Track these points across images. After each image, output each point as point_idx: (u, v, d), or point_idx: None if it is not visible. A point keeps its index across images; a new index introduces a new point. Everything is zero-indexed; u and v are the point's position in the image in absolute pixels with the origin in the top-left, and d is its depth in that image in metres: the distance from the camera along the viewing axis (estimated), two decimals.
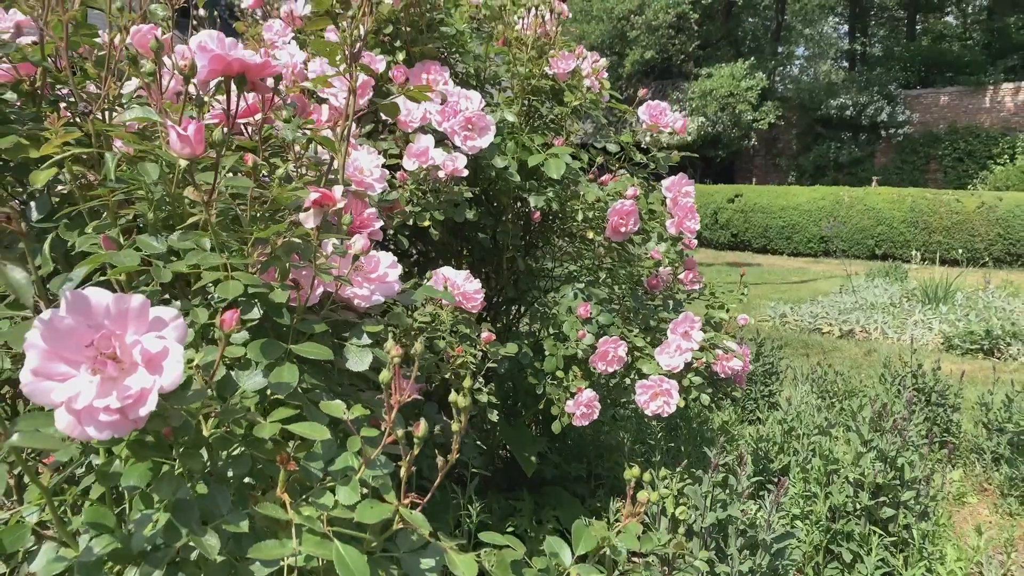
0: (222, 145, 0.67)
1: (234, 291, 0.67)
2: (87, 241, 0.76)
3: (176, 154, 0.66)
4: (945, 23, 26.90)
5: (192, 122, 0.66)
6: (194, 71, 0.72)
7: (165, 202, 0.77)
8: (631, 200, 1.86)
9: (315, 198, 0.72)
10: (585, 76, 1.95)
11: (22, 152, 0.88)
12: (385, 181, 1.42)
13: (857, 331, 5.79)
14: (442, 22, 1.92)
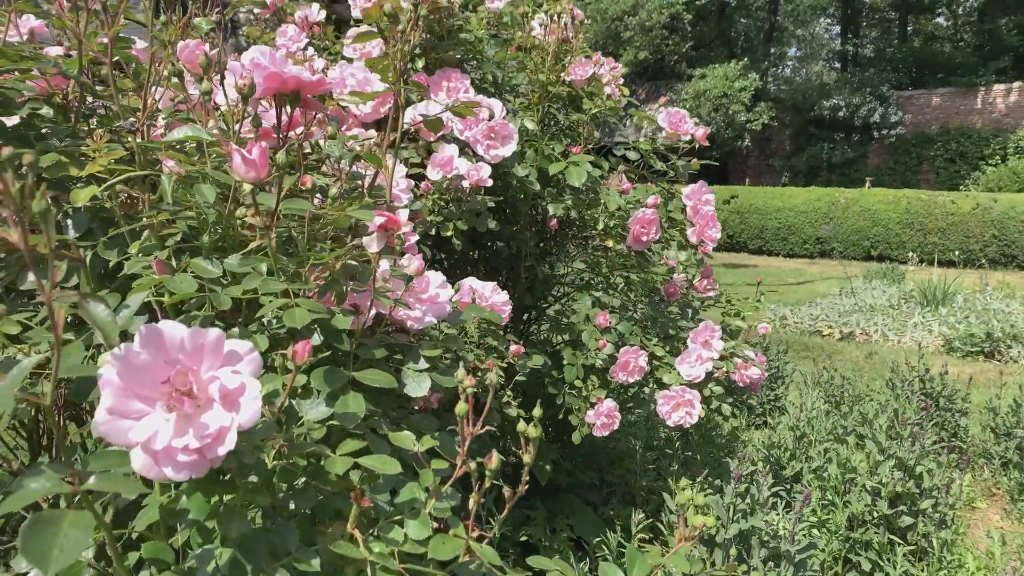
0: (285, 169, 0.65)
1: (301, 319, 0.65)
2: (137, 264, 0.73)
3: (240, 178, 0.64)
4: (936, 24, 27.04)
5: (256, 145, 0.64)
6: (252, 90, 0.70)
7: (218, 224, 0.74)
8: (652, 209, 1.85)
9: (381, 223, 0.70)
10: (606, 84, 1.93)
11: (62, 170, 0.85)
12: (409, 191, 1.40)
13: (857, 333, 5.80)
14: (461, 28, 1.90)
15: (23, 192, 0.46)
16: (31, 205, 0.46)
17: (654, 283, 2.16)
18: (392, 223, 0.70)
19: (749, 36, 26.08)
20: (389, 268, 0.77)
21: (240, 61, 0.85)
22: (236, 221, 0.74)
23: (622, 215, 1.89)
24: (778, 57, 24.57)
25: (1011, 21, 19.03)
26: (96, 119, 1.01)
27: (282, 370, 0.68)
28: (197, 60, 0.78)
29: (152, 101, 0.87)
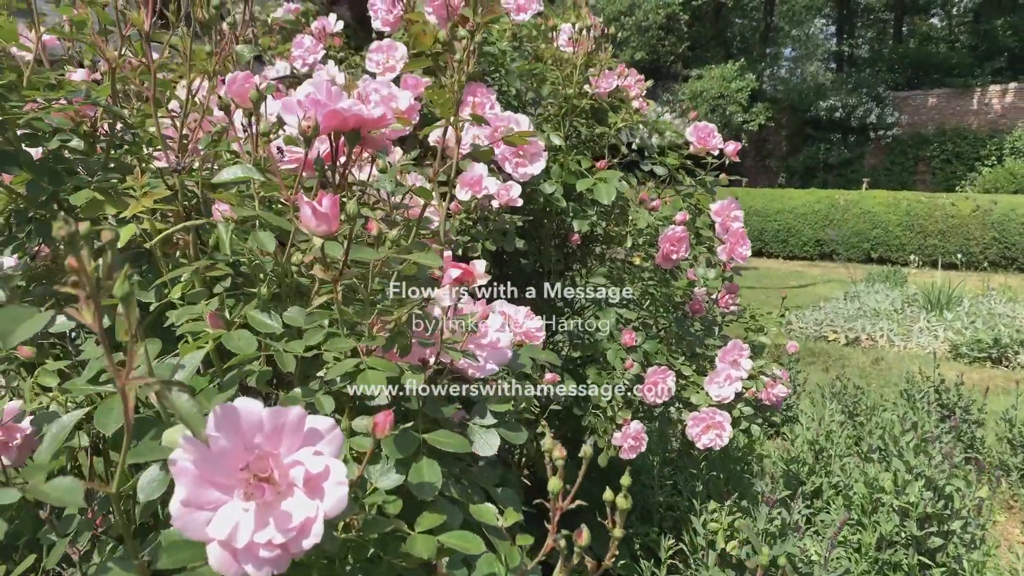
0: (356, 219, 0.60)
1: (375, 381, 0.60)
2: (186, 315, 0.68)
3: (310, 231, 0.59)
4: (931, 25, 27.08)
5: (327, 195, 0.59)
6: (317, 131, 0.65)
7: (274, 272, 0.69)
8: (682, 227, 1.80)
9: (456, 276, 0.65)
10: (633, 98, 1.89)
11: (98, 209, 0.80)
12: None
13: (863, 339, 5.77)
14: (486, 41, 1.85)
15: (101, 271, 0.41)
16: (110, 286, 0.41)
17: (677, 299, 2.12)
18: (468, 276, 0.65)
19: (745, 37, 26.10)
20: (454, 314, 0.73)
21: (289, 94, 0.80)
22: (292, 267, 0.69)
23: (651, 231, 1.85)
24: (774, 57, 24.59)
25: (1006, 22, 19.07)
26: (126, 149, 0.96)
27: (347, 433, 0.63)
28: (247, 94, 0.73)
29: (195, 138, 0.82)
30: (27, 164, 0.81)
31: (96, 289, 0.41)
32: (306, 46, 2.00)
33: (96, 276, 0.41)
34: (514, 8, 1.85)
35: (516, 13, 1.86)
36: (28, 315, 0.54)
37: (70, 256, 0.41)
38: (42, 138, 0.85)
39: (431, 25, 1.71)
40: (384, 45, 1.72)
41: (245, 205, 0.70)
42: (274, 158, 0.71)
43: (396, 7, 1.76)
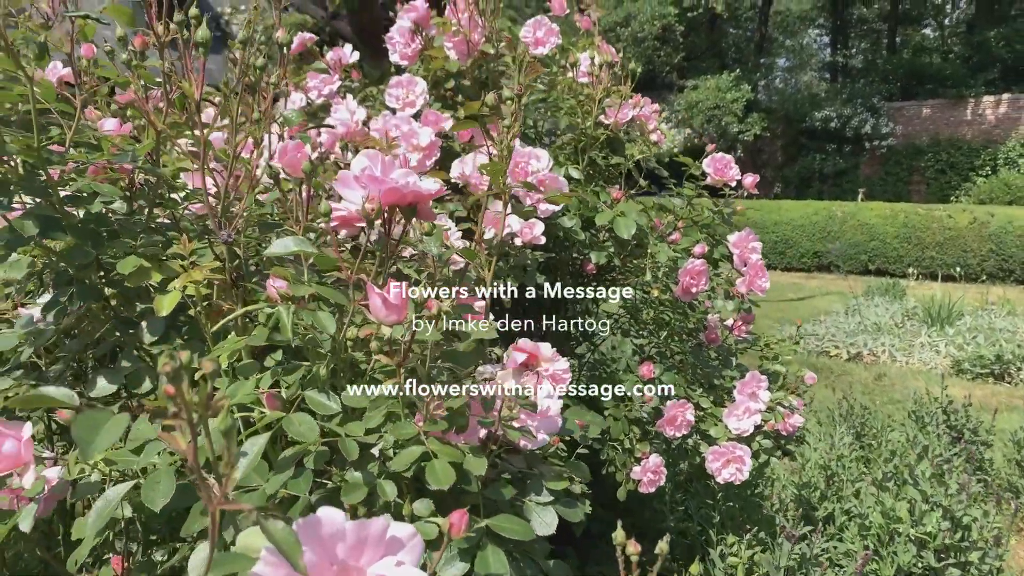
0: (421, 305, 0.59)
1: (443, 474, 0.59)
2: (239, 392, 0.67)
3: (380, 320, 0.59)
4: (924, 35, 27.26)
5: (396, 285, 0.58)
6: (380, 213, 0.64)
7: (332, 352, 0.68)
8: (701, 260, 1.80)
9: (522, 360, 0.64)
10: (651, 131, 1.89)
11: (144, 277, 0.79)
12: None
13: (865, 354, 5.78)
14: (502, 74, 1.85)
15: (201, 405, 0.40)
16: (209, 418, 0.40)
17: (692, 328, 2.11)
18: (533, 359, 0.64)
19: (739, 47, 26.23)
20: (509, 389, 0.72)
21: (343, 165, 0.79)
22: (347, 343, 0.68)
23: (670, 264, 1.84)
24: (768, 68, 24.71)
25: (999, 33, 19.20)
26: (164, 204, 0.95)
27: (409, 518, 0.62)
28: (300, 164, 0.72)
29: (238, 194, 0.81)
30: (71, 229, 0.80)
31: (193, 421, 0.40)
32: (320, 76, 1.99)
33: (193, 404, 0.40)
34: (532, 42, 1.85)
35: (534, 47, 1.86)
36: (105, 419, 0.53)
37: (169, 384, 0.40)
38: (84, 200, 0.84)
39: (452, 60, 1.71)
40: (404, 80, 1.71)
41: (300, 282, 0.69)
42: (329, 231, 0.70)
43: (414, 41, 1.75)
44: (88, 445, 0.49)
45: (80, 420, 0.50)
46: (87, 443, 0.49)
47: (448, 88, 1.78)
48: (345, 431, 0.63)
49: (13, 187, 0.77)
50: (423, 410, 0.65)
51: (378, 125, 1.67)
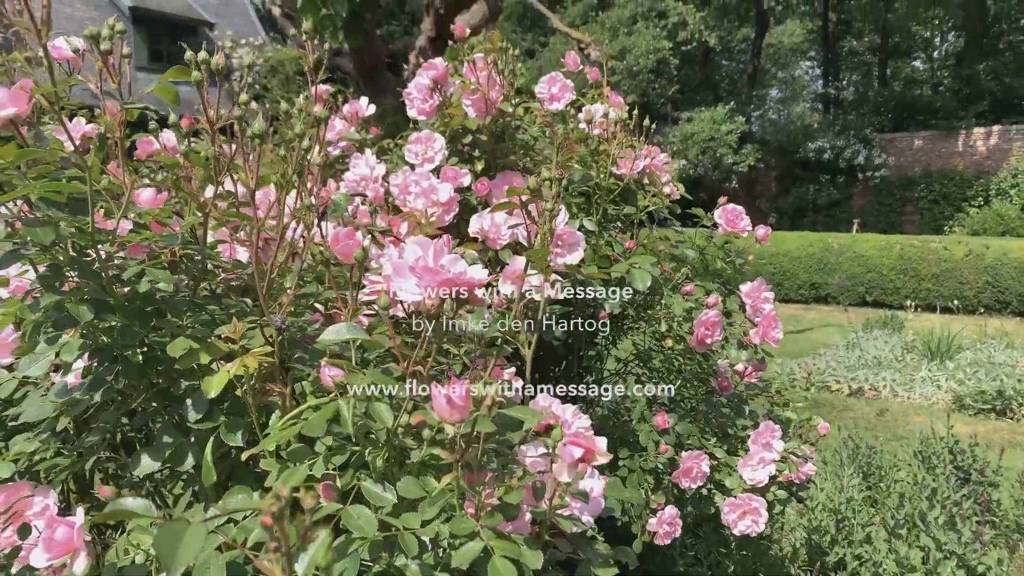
0: (483, 403, 0.60)
1: (505, 573, 0.60)
2: (292, 477, 0.68)
3: (443, 419, 0.60)
4: (914, 68, 27.71)
5: (458, 383, 0.60)
6: (442, 308, 0.66)
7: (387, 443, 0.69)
8: (716, 311, 1.82)
9: (579, 456, 0.65)
10: (664, 183, 1.92)
11: (193, 359, 0.80)
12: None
13: (866, 389, 5.79)
14: (518, 129, 1.88)
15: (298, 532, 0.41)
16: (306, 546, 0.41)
17: (704, 375, 2.12)
18: (590, 454, 0.66)
19: (733, 79, 26.62)
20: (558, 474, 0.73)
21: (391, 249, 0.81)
22: (399, 429, 0.69)
23: (685, 315, 1.86)
24: (761, 99, 25.03)
25: (988, 67, 19.53)
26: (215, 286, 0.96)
27: None
28: (352, 252, 0.74)
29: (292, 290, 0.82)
30: (121, 310, 0.81)
31: (290, 552, 0.41)
32: (337, 129, 2.02)
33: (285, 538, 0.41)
34: (547, 98, 1.89)
35: (549, 103, 1.89)
36: (183, 531, 0.53)
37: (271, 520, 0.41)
38: (131, 280, 0.86)
39: (471, 118, 1.74)
40: (423, 136, 1.74)
41: (356, 371, 0.70)
42: (386, 322, 0.71)
43: (432, 98, 1.78)
44: (172, 559, 0.50)
45: (161, 535, 0.50)
46: (170, 557, 0.49)
47: (465, 143, 1.81)
48: (402, 523, 0.64)
49: (65, 269, 0.79)
50: (475, 499, 0.66)
51: (398, 180, 1.70)
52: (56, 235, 0.73)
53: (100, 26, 0.82)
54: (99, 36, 0.83)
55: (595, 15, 23.80)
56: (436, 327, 0.66)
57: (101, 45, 0.81)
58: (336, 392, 0.69)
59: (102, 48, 0.81)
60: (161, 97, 0.96)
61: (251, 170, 0.73)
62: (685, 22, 21.48)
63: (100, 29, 0.83)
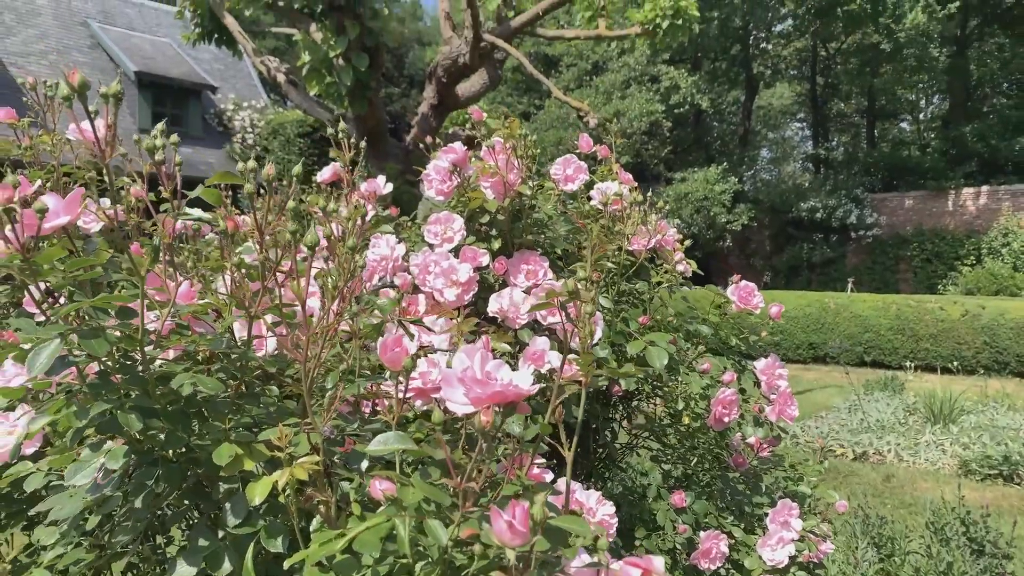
0: (543, 524, 0.60)
1: None
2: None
3: (503, 544, 0.60)
4: (902, 129, 28.34)
5: (518, 505, 0.60)
6: (498, 426, 0.66)
7: None
8: (732, 390, 1.82)
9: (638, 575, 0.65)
10: (678, 261, 1.94)
11: (238, 466, 0.80)
12: None
13: (871, 453, 5.75)
14: (534, 208, 1.91)
15: None
16: None
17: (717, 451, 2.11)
18: (647, 574, 0.65)
19: (724, 139, 27.13)
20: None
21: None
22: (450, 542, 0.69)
23: (702, 392, 1.86)
24: (752, 159, 25.48)
25: (974, 129, 19.98)
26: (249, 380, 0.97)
27: None
28: (400, 360, 0.75)
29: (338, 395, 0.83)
30: (165, 416, 0.82)
31: None
32: None
33: None
34: (562, 179, 1.93)
35: (564, 183, 1.93)
36: None
37: None
38: (170, 379, 0.86)
39: (490, 200, 1.77)
40: (442, 217, 1.76)
41: (408, 485, 0.70)
42: (437, 438, 0.71)
43: (451, 179, 1.82)
44: None
45: None
46: None
47: (482, 222, 1.84)
48: None
49: (112, 376, 0.79)
50: None
51: (418, 260, 1.72)
52: (108, 346, 0.74)
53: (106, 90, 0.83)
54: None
55: (589, 79, 24.39)
56: (488, 442, 0.67)
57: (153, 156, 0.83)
58: (386, 505, 0.69)
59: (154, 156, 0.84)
60: (205, 198, 0.98)
61: (303, 282, 0.74)
62: (677, 86, 22.00)
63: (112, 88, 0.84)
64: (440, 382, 0.72)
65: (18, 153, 1.75)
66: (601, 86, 23.07)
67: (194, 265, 1.04)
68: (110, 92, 0.68)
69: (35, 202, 0.71)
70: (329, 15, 6.22)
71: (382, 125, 7.04)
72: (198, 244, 1.42)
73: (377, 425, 0.92)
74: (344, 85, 6.16)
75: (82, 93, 0.67)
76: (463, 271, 1.67)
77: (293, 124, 14.36)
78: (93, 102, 0.82)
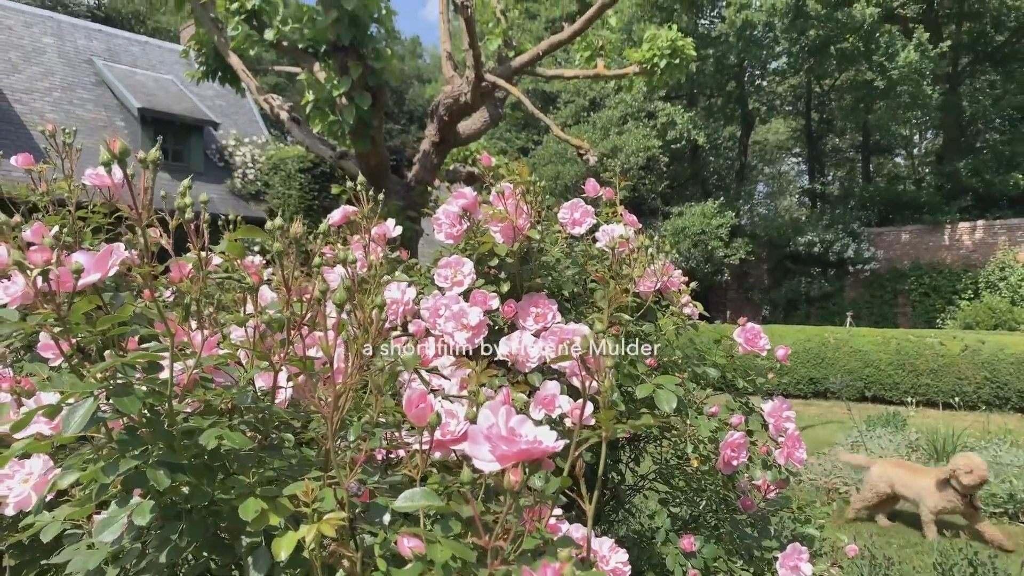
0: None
1: None
2: None
3: None
4: (896, 164, 28.62)
5: (549, 566, 0.60)
6: (526, 485, 0.67)
7: None
8: (742, 433, 1.82)
9: None
10: (684, 304, 1.96)
11: (264, 521, 0.81)
12: None
13: None
14: (542, 251, 1.94)
15: None
16: None
17: (725, 493, 2.11)
18: None
19: (721, 174, 27.34)
20: None
21: None
22: None
23: (711, 435, 1.87)
24: (748, 194, 25.68)
25: (968, 164, 20.17)
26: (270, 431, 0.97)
27: None
28: (426, 416, 0.76)
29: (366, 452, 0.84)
30: (192, 470, 0.82)
31: None
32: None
33: None
34: (570, 223, 1.95)
35: (571, 227, 1.96)
36: None
37: None
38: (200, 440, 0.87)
39: (500, 245, 1.79)
40: (452, 261, 1.79)
41: (435, 543, 0.71)
42: (467, 495, 0.72)
43: (460, 223, 1.84)
44: None
45: None
46: None
47: (491, 265, 1.86)
48: None
49: (144, 437, 0.80)
50: None
51: (428, 304, 1.73)
52: (140, 404, 0.75)
53: (110, 126, 0.85)
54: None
55: (586, 115, 24.68)
56: (516, 500, 0.67)
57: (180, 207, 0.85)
58: (414, 563, 0.70)
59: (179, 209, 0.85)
60: (229, 251, 0.99)
61: (332, 341, 0.75)
62: (674, 122, 22.24)
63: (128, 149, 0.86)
64: (466, 438, 0.73)
65: (36, 198, 1.78)
66: (598, 122, 23.34)
67: (214, 318, 1.05)
68: (149, 159, 0.70)
69: (71, 262, 0.73)
70: (333, 55, 6.32)
71: (384, 162, 7.12)
72: (209, 287, 1.44)
73: (397, 478, 0.93)
74: (347, 123, 6.24)
75: (122, 160, 0.69)
76: (474, 315, 1.69)
77: (294, 159, 14.48)
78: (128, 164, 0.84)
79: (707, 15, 24.23)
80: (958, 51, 20.71)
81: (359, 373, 0.83)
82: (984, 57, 21.08)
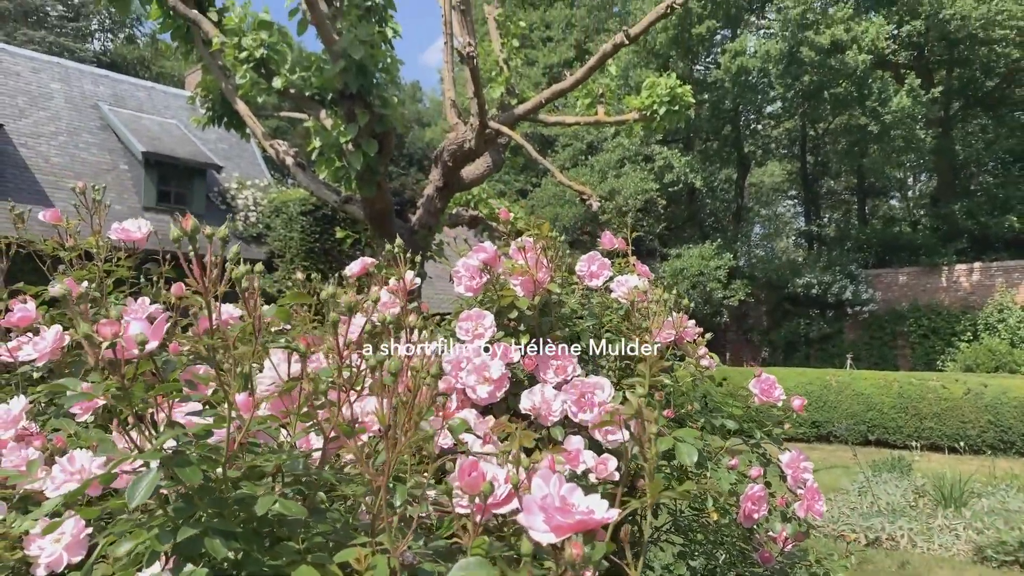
0: None
1: None
2: None
3: None
4: (891, 206, 28.90)
5: None
6: (580, 553, 0.68)
7: None
8: (760, 486, 1.83)
9: None
10: (701, 356, 1.98)
11: None
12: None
13: (884, 539, 5.65)
14: (560, 303, 1.96)
15: None
16: None
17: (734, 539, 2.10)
18: None
19: (718, 216, 27.56)
20: None
21: None
22: None
23: (731, 489, 1.87)
24: (745, 236, 25.85)
25: (963, 206, 20.37)
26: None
27: None
28: (479, 485, 0.77)
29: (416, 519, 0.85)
30: (243, 536, 0.83)
31: None
32: (384, 300, 2.09)
33: None
34: (587, 275, 1.98)
35: (589, 279, 1.98)
36: None
37: None
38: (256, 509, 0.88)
39: (521, 298, 1.82)
40: (473, 314, 1.81)
41: None
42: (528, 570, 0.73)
43: (480, 277, 1.87)
44: None
45: None
46: None
47: (511, 317, 1.88)
48: None
49: (199, 505, 0.81)
50: None
51: (450, 357, 1.75)
52: (201, 474, 0.76)
53: (114, 170, 0.88)
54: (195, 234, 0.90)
55: (584, 159, 24.98)
56: (576, 572, 0.68)
57: None
58: None
59: None
60: (274, 317, 1.01)
61: (385, 406, 0.77)
62: (671, 165, 22.50)
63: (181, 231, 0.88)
64: (509, 501, 0.74)
65: (64, 253, 1.80)
66: (596, 165, 23.61)
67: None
68: (218, 235, 0.73)
69: (134, 333, 0.75)
70: (340, 103, 6.43)
71: (388, 206, 7.19)
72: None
73: (440, 542, 0.94)
74: (354, 169, 6.32)
75: (192, 237, 0.71)
76: (495, 367, 1.70)
77: (295, 202, 14.59)
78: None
79: (702, 61, 24.68)
80: (949, 96, 21.08)
81: (409, 439, 0.84)
82: (975, 102, 21.45)
